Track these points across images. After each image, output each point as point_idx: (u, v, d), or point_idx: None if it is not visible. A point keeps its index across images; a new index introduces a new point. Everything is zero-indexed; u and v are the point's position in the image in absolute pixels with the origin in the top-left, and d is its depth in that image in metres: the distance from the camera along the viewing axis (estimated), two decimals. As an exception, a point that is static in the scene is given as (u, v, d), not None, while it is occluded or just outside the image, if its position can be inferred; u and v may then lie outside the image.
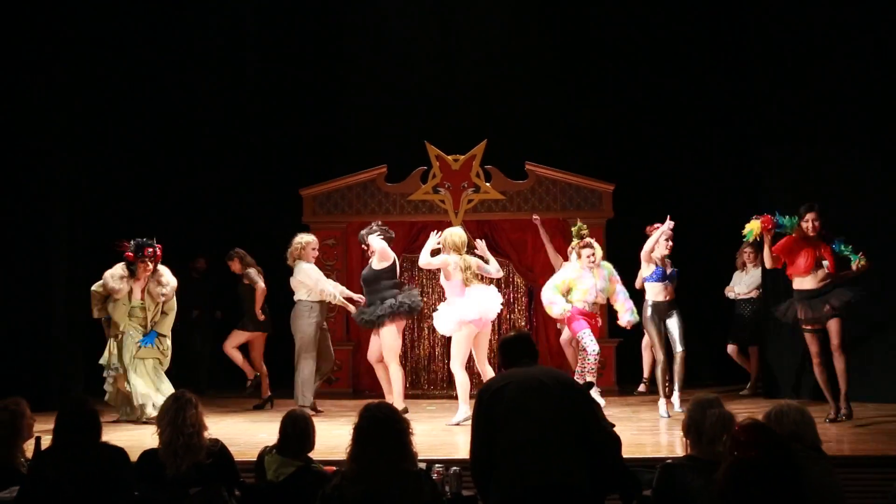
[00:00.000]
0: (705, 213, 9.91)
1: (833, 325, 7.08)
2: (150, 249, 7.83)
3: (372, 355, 8.11)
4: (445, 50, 10.71)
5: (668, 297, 7.78)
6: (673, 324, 7.76)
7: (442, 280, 7.80)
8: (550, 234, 9.17)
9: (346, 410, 8.02)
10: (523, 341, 4.08)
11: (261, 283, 8.87)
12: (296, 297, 8.16)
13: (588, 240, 8.09)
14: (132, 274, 7.82)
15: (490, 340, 8.03)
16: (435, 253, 7.72)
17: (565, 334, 8.80)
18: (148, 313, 7.94)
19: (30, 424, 4.61)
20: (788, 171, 9.02)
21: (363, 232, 8.16)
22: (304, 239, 8.24)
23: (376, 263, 7.97)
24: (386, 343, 7.89)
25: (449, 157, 9.69)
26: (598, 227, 9.23)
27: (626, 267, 8.25)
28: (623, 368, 9.63)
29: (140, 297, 7.91)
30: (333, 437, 5.83)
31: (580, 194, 9.74)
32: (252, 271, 8.95)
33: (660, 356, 7.81)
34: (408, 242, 9.87)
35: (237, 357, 9.04)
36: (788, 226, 7.15)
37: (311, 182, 9.91)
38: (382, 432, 3.71)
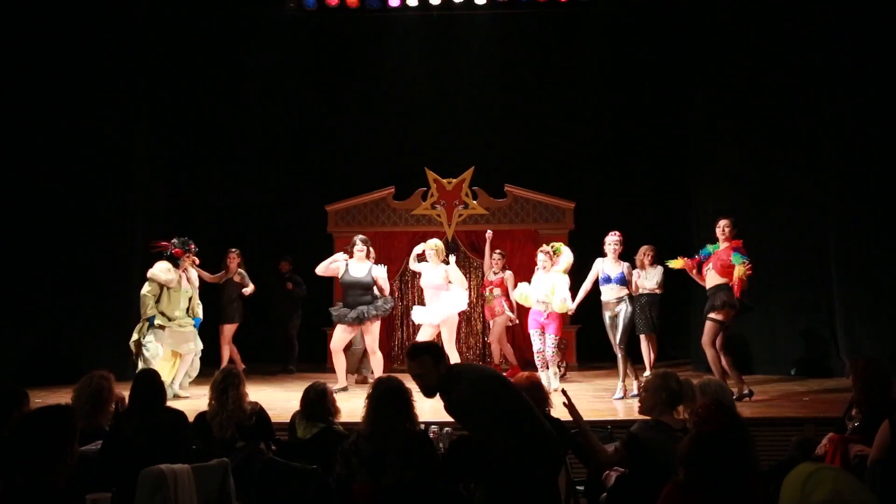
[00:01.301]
0: (648, 226, 9.94)
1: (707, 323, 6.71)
2: (193, 245, 7.64)
3: (338, 345, 7.66)
4: (442, 96, 10.71)
5: (616, 295, 7.19)
6: (619, 321, 7.14)
7: (432, 281, 7.66)
8: (522, 242, 9.22)
9: (362, 384, 8.07)
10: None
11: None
12: None
13: (543, 247, 7.77)
14: (176, 266, 7.52)
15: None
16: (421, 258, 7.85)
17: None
18: (193, 301, 7.65)
19: (114, 392, 4.62)
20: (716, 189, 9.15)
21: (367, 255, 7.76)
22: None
23: (369, 274, 7.62)
24: (376, 335, 7.62)
25: (444, 180, 9.69)
26: (561, 237, 9.27)
27: (585, 270, 8.18)
28: (583, 349, 9.62)
29: (186, 286, 7.58)
30: (351, 403, 5.85)
31: (548, 210, 9.77)
32: (242, 271, 8.68)
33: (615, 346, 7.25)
34: (411, 248, 9.85)
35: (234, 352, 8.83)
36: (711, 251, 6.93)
37: (334, 200, 9.91)
38: (391, 400, 3.73)
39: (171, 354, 7.49)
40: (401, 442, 3.67)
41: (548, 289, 7.48)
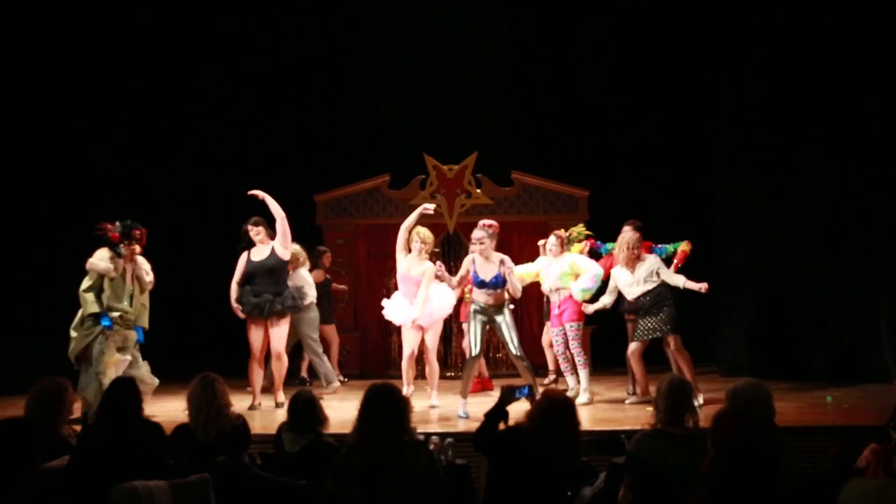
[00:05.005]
0: (667, 216, 9.93)
1: None
2: (138, 231, 6.86)
3: (268, 348, 7.26)
4: (443, 73, 10.63)
5: (492, 302, 6.83)
6: (500, 327, 6.82)
7: (415, 276, 7.36)
8: (531, 234, 9.20)
9: (355, 389, 8.07)
10: None
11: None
12: None
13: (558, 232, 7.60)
14: (118, 255, 6.82)
15: None
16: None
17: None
18: (136, 301, 6.92)
19: (72, 400, 4.59)
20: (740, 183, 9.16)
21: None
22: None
23: (283, 255, 7.29)
24: (287, 332, 7.33)
25: (444, 167, 9.68)
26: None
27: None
28: (601, 350, 9.54)
29: (130, 282, 6.88)
30: (343, 412, 5.86)
31: (559, 199, 9.75)
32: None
33: (469, 353, 6.92)
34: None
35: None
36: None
37: (323, 189, 9.89)
38: (385, 409, 3.72)
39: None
40: (397, 454, 3.65)
41: (564, 270, 7.27)
